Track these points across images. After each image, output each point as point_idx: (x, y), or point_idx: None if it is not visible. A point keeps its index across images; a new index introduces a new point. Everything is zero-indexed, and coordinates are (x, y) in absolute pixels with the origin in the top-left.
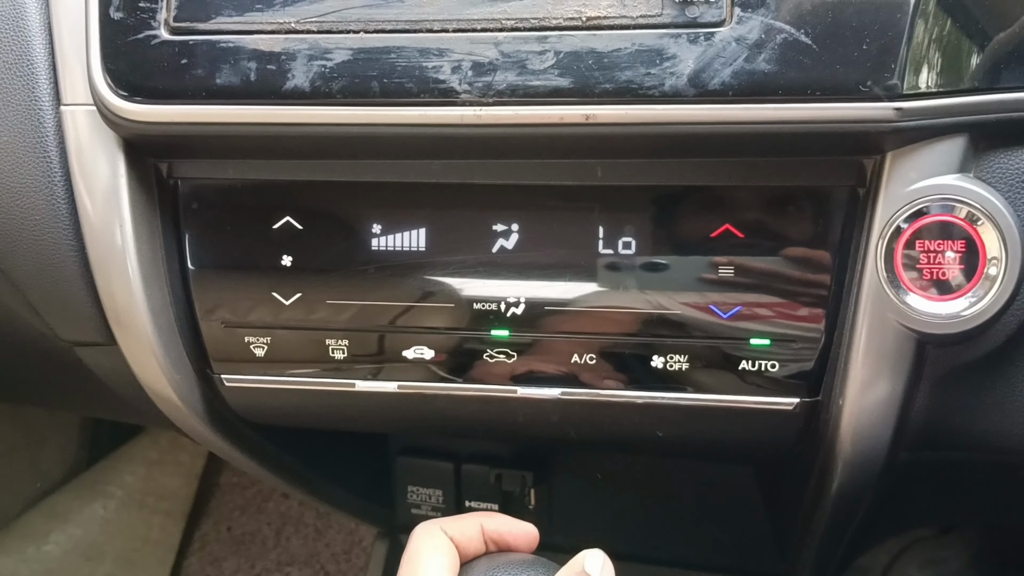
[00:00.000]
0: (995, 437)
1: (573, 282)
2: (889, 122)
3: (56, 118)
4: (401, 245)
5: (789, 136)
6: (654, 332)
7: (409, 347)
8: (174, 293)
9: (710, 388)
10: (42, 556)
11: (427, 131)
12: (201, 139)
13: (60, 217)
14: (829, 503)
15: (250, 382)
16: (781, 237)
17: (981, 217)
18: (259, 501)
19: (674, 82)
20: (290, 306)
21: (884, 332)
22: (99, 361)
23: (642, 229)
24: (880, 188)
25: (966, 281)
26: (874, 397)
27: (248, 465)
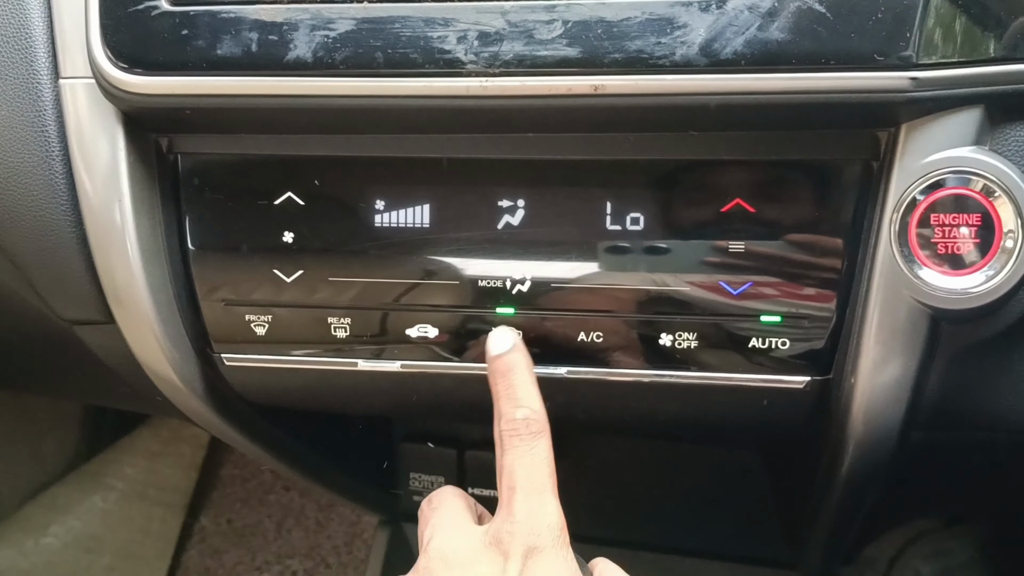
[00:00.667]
0: (1009, 416)
1: (580, 259)
2: (904, 92)
3: (55, 92)
4: (405, 221)
5: (802, 107)
6: (662, 310)
7: (412, 325)
8: (173, 270)
9: (719, 367)
10: (42, 548)
11: (432, 103)
12: (202, 112)
13: (58, 193)
14: (839, 486)
15: (251, 361)
16: (793, 212)
17: (997, 190)
18: (260, 493)
19: (685, 51)
20: (292, 283)
21: (898, 309)
22: (98, 340)
23: (651, 205)
24: (894, 161)
25: (981, 256)
26: (887, 375)
27: (249, 447)
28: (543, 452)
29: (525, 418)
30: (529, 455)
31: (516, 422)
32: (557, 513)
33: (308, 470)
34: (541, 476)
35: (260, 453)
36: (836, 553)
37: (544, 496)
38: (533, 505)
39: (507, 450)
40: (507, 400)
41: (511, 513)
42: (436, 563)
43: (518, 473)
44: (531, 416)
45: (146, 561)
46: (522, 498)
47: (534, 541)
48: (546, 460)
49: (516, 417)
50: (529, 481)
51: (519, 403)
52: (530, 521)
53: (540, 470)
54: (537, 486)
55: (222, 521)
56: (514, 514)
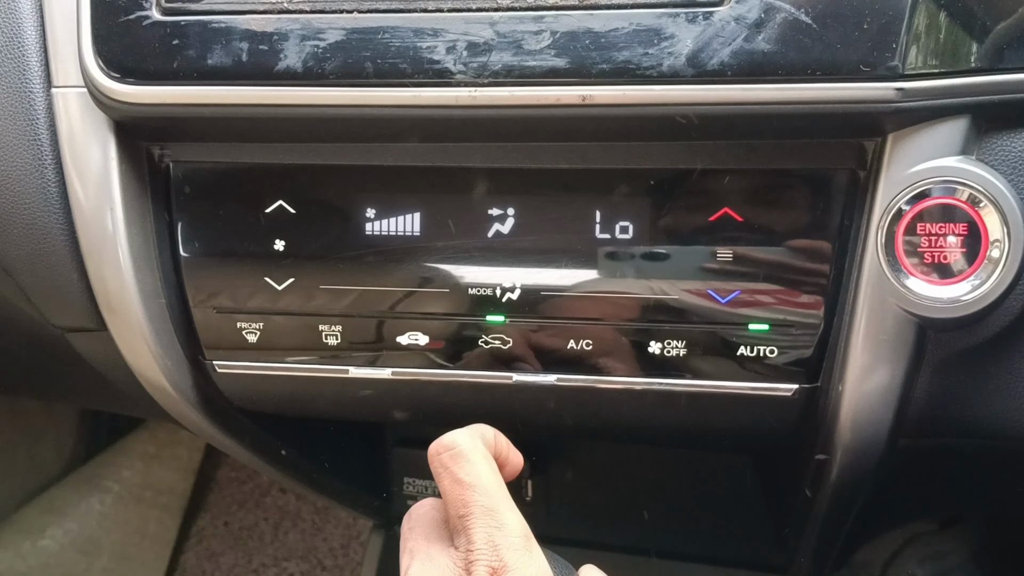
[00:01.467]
0: (996, 424)
1: (570, 267)
2: (890, 102)
3: (47, 100)
4: (395, 230)
5: (789, 117)
6: (651, 317)
7: (403, 333)
8: (165, 278)
9: (708, 374)
10: (38, 551)
11: (421, 112)
12: (193, 121)
13: (51, 201)
14: (828, 491)
15: (243, 368)
16: (780, 221)
17: (983, 199)
18: (257, 496)
19: (672, 62)
20: (283, 291)
21: (884, 317)
22: (90, 347)
23: (640, 213)
24: (881, 170)
25: (968, 265)
26: (874, 383)
27: (242, 454)
28: (479, 466)
29: (451, 439)
30: (464, 474)
31: (440, 444)
32: (517, 526)
33: (301, 476)
34: (487, 494)
35: (253, 459)
36: (826, 557)
37: (498, 514)
38: (489, 526)
39: (440, 474)
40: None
41: (471, 540)
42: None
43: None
44: (456, 437)
45: (143, 563)
46: (476, 523)
47: (497, 563)
48: (486, 474)
49: (441, 440)
50: (477, 504)
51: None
52: (490, 543)
53: (483, 488)
54: (487, 506)
55: (219, 523)
56: (473, 541)
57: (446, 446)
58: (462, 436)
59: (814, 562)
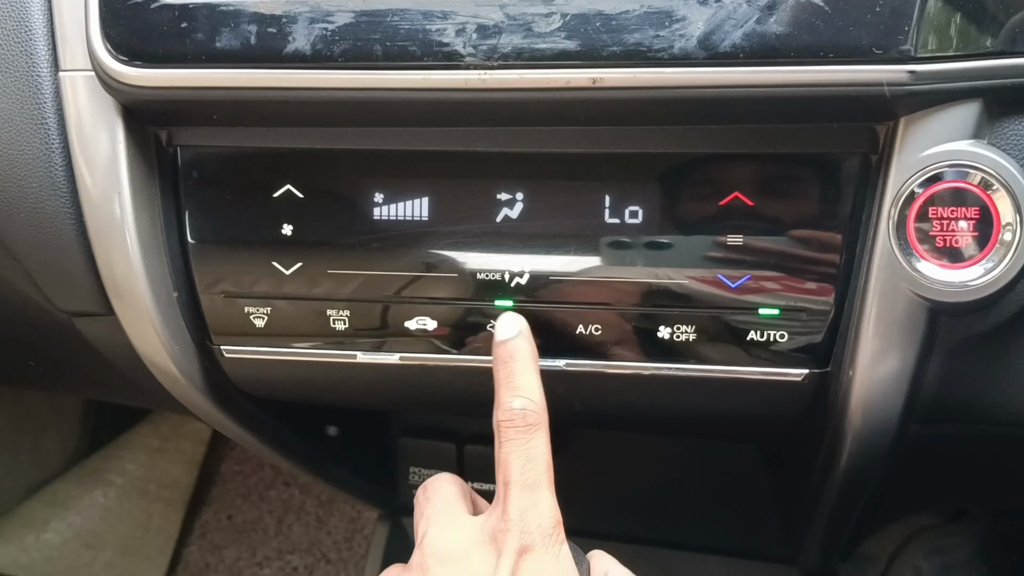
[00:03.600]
0: (1007, 409)
1: (578, 252)
2: (902, 85)
3: (54, 84)
4: (403, 214)
5: (801, 100)
6: (661, 302)
7: (411, 318)
8: (173, 262)
9: (718, 359)
10: (42, 544)
11: (431, 95)
12: (201, 104)
13: (58, 185)
14: (837, 479)
15: (250, 353)
16: (792, 205)
17: (995, 183)
18: (261, 489)
19: (684, 44)
20: (291, 276)
21: (896, 302)
22: (97, 332)
23: (649, 198)
24: (893, 154)
25: (979, 249)
26: (885, 368)
27: (248, 440)
28: (539, 446)
29: (523, 408)
30: (524, 449)
31: (513, 412)
32: (552, 510)
33: (307, 464)
34: (536, 472)
35: (259, 446)
36: (834, 547)
37: (538, 493)
38: (527, 502)
39: (503, 443)
40: (506, 388)
41: (506, 511)
42: (430, 559)
43: (513, 468)
44: (529, 407)
45: (146, 557)
46: (516, 495)
47: (527, 540)
48: (542, 455)
49: (514, 407)
50: (524, 477)
51: (518, 392)
52: (524, 519)
53: (535, 465)
54: (532, 482)
55: (223, 517)
56: (508, 511)
57: (515, 419)
58: (533, 411)
59: (822, 552)
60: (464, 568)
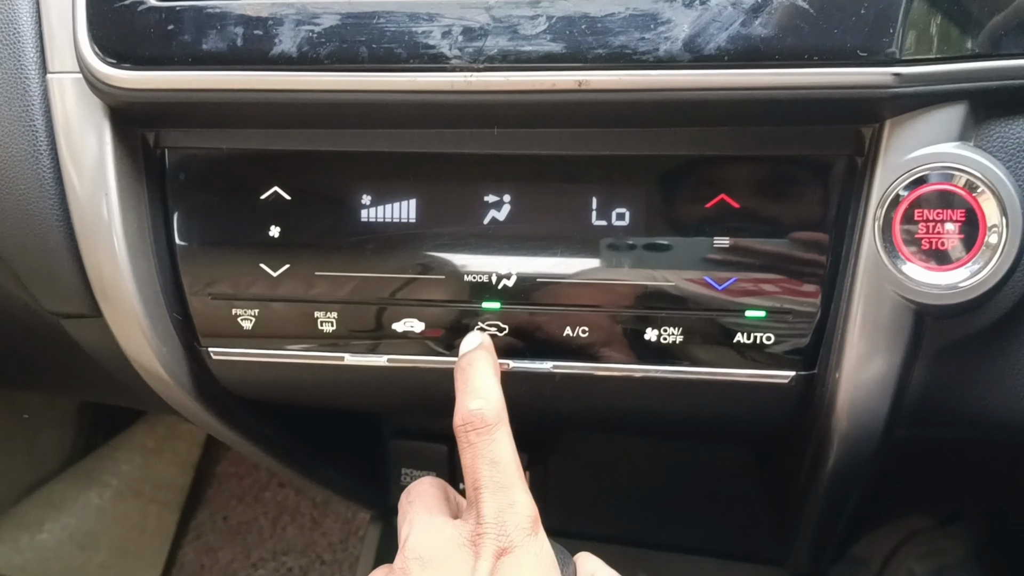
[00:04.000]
0: (993, 413)
1: (565, 254)
2: (887, 88)
3: (42, 86)
4: (391, 216)
5: (786, 103)
6: (648, 304)
7: (399, 320)
8: (160, 264)
9: (705, 361)
10: (37, 545)
11: (417, 98)
12: (188, 107)
13: (46, 187)
14: (824, 481)
15: (238, 355)
16: (778, 208)
17: (981, 186)
18: (256, 491)
19: (669, 47)
20: (278, 278)
21: (882, 304)
22: (85, 334)
23: (636, 200)
24: (878, 157)
25: (966, 251)
26: (871, 371)
27: (238, 443)
28: (503, 446)
29: (479, 408)
30: (488, 451)
31: (471, 414)
32: (527, 508)
33: (298, 466)
34: (505, 473)
35: (249, 448)
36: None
37: (512, 492)
38: (502, 503)
39: (465, 448)
40: (463, 393)
41: (480, 514)
42: (411, 562)
43: (481, 471)
44: (485, 406)
45: (141, 558)
46: (489, 497)
47: (505, 541)
48: (507, 453)
49: (470, 408)
50: (493, 480)
51: (474, 394)
52: (500, 520)
53: (503, 466)
54: (502, 483)
55: (218, 518)
56: (483, 515)
57: (473, 421)
58: (490, 411)
59: (811, 555)
60: (443, 571)
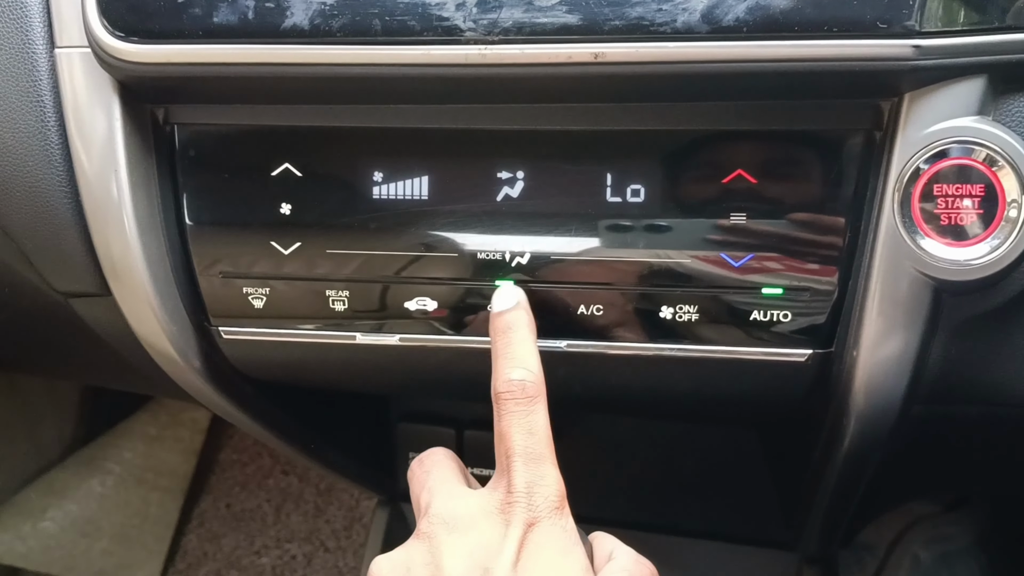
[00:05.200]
0: (1011, 388)
1: (580, 231)
2: (907, 60)
3: (50, 61)
4: (403, 193)
5: (805, 75)
6: (663, 282)
7: (411, 298)
8: (170, 242)
9: (721, 340)
10: (39, 532)
11: (430, 71)
12: (198, 81)
13: (54, 163)
14: (839, 461)
15: (248, 335)
16: (795, 183)
17: (1000, 160)
18: (259, 478)
19: (687, 18)
20: (289, 256)
21: (900, 281)
22: (94, 313)
23: (651, 176)
24: (897, 131)
25: (985, 226)
26: (889, 348)
27: (247, 424)
28: (540, 418)
29: (521, 380)
30: (525, 421)
31: (512, 383)
32: (557, 483)
33: (306, 449)
34: (539, 444)
35: (258, 430)
36: (834, 533)
37: (543, 466)
38: (533, 475)
39: (503, 415)
40: (504, 359)
41: (512, 483)
42: (438, 527)
43: (516, 440)
44: (528, 378)
45: (144, 545)
46: (521, 467)
47: (534, 512)
48: (543, 427)
49: (512, 378)
50: (527, 450)
51: (516, 363)
52: (530, 492)
53: (538, 438)
54: (536, 455)
55: (221, 505)
56: (515, 484)
57: (514, 391)
58: (532, 382)
59: (821, 538)
60: (473, 537)
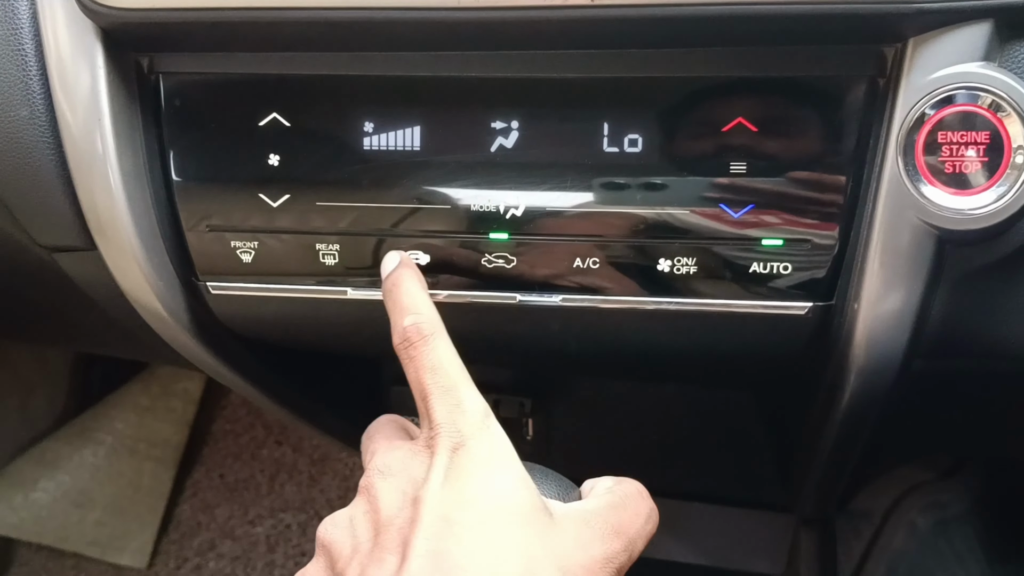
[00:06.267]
0: (1013, 343)
1: (576, 182)
2: (912, 3)
3: (31, 9)
4: (394, 144)
5: (807, 19)
6: (661, 234)
7: (404, 251)
8: (156, 195)
9: (719, 293)
10: (31, 503)
11: (420, 16)
12: (183, 27)
13: (37, 114)
14: (837, 419)
15: (237, 290)
16: (797, 131)
17: (1006, 106)
18: (252, 448)
19: None
20: (278, 208)
21: (902, 231)
22: (80, 268)
23: (649, 125)
24: (901, 77)
25: (990, 175)
26: (890, 301)
27: (239, 384)
28: (442, 352)
29: (414, 323)
30: (428, 360)
31: (406, 331)
32: (475, 402)
33: (297, 411)
34: (447, 376)
35: (250, 390)
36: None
37: (457, 393)
38: (449, 405)
39: (407, 363)
40: (395, 313)
41: (431, 419)
42: (374, 477)
43: (426, 380)
44: (419, 320)
45: (137, 516)
46: (435, 402)
47: (457, 437)
48: (448, 357)
49: (404, 325)
50: (436, 384)
51: (405, 312)
52: (450, 420)
53: (444, 370)
54: (446, 386)
55: (214, 476)
56: (433, 420)
57: (409, 336)
58: (425, 322)
59: (817, 500)
60: (404, 475)
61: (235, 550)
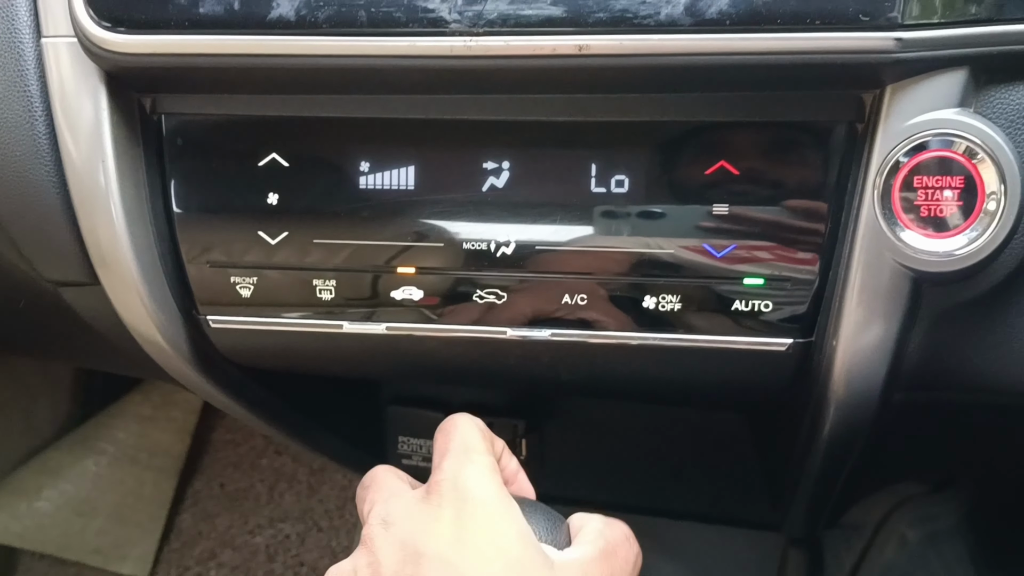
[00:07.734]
0: (990, 377)
1: (564, 221)
2: (889, 53)
3: (37, 51)
4: (389, 183)
5: (787, 67)
6: (646, 272)
7: (397, 287)
8: (158, 232)
9: (703, 329)
10: (34, 512)
11: (415, 63)
12: (185, 71)
13: (41, 153)
14: (821, 447)
15: (236, 323)
16: (777, 174)
17: (980, 152)
18: (252, 458)
19: (670, 11)
20: (276, 245)
21: (880, 271)
22: (83, 302)
23: (635, 167)
24: (879, 123)
25: (964, 218)
26: (868, 338)
27: (237, 410)
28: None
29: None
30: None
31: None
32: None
33: (296, 432)
34: (467, 442)
35: (247, 416)
36: (819, 515)
37: (470, 454)
38: (461, 459)
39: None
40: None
41: (439, 469)
42: (377, 528)
43: (441, 448)
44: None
45: (139, 524)
46: (451, 458)
47: (462, 492)
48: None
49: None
50: (457, 447)
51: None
52: (456, 475)
53: (463, 440)
54: (463, 448)
55: (214, 485)
56: (443, 470)
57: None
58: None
59: (807, 520)
60: (407, 526)
61: (235, 559)
